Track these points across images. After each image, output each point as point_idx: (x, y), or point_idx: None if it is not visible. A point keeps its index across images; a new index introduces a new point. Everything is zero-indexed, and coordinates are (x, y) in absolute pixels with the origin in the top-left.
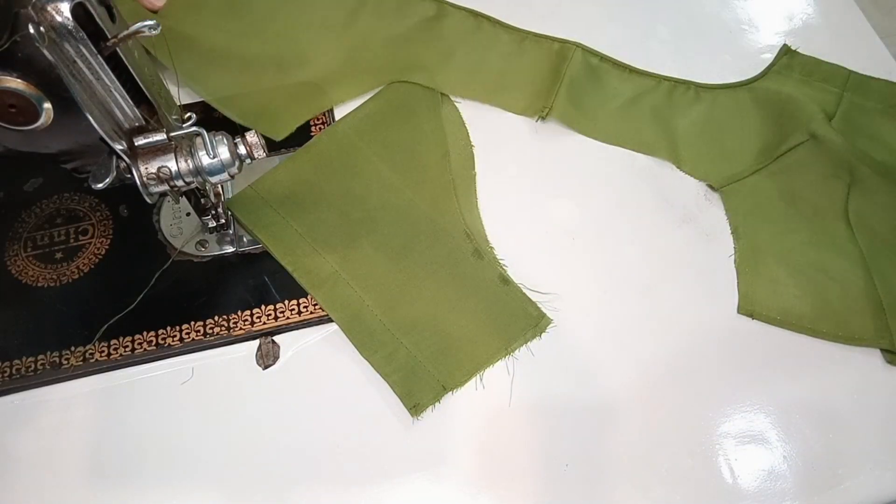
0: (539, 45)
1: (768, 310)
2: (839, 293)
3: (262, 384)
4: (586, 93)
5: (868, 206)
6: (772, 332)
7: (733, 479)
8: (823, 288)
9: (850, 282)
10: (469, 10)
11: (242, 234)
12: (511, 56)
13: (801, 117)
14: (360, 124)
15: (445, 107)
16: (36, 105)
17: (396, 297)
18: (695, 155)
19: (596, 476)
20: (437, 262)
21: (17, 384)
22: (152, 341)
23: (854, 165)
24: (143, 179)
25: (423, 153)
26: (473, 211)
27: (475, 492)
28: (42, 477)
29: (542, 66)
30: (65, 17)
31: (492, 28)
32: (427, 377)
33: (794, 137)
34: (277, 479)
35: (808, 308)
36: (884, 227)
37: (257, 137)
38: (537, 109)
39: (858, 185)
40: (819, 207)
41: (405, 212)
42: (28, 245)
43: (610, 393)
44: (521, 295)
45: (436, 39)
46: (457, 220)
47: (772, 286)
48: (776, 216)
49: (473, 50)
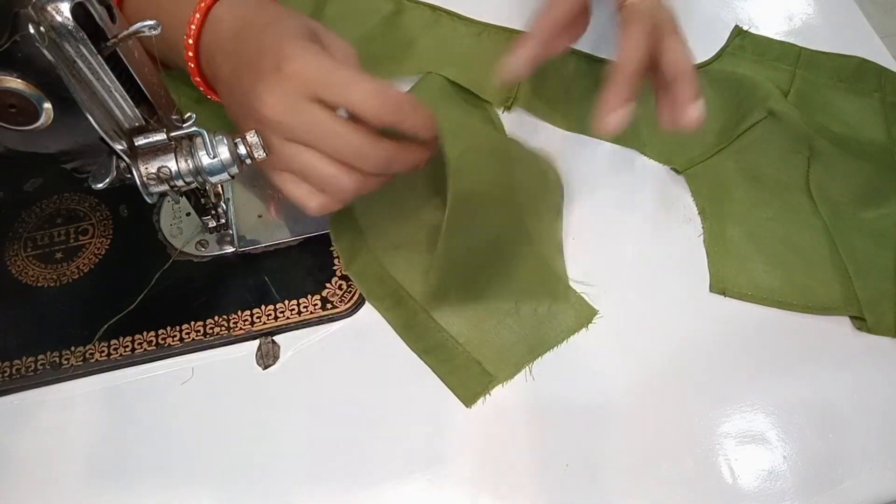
0: (498, 36)
1: (739, 286)
2: (806, 265)
3: (262, 384)
4: (548, 82)
5: (828, 177)
6: (772, 332)
7: (733, 479)
8: (791, 261)
9: (816, 253)
10: (427, 5)
11: (243, 233)
12: (471, 49)
13: (758, 96)
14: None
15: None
16: (36, 105)
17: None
18: (657, 140)
19: (596, 476)
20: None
21: (17, 384)
22: (152, 341)
23: (812, 139)
24: (143, 179)
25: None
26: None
27: (475, 492)
28: (42, 477)
29: (502, 57)
30: (65, 17)
31: (450, 21)
32: (474, 367)
33: (753, 116)
34: (277, 479)
35: (778, 282)
36: (844, 197)
37: (257, 137)
38: (502, 100)
39: (817, 158)
40: (781, 182)
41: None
42: (28, 245)
43: (610, 393)
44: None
45: (395, 35)
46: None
47: (741, 263)
48: (740, 194)
49: (433, 43)
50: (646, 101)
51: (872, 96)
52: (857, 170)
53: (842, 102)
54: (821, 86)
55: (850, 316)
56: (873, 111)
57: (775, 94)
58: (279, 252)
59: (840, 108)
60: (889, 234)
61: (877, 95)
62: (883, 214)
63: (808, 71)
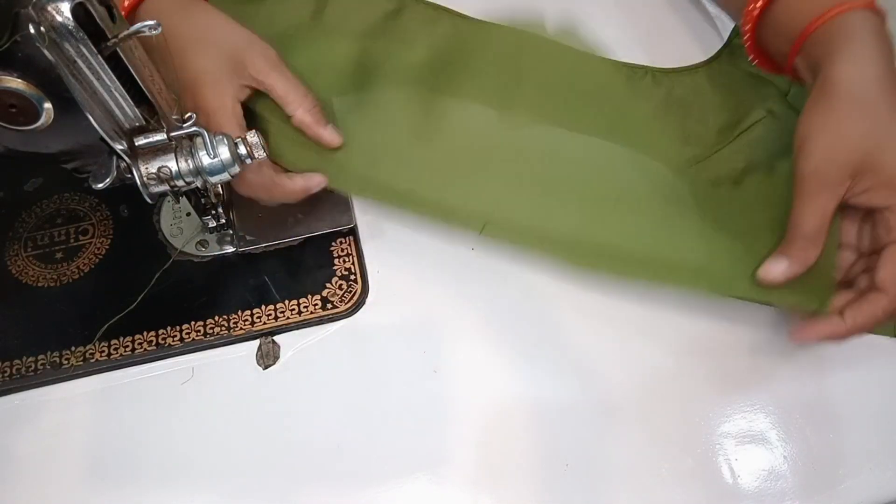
0: (498, 34)
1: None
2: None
3: (262, 384)
4: (548, 81)
5: None
6: (772, 331)
7: (733, 479)
8: None
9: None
10: (428, 3)
11: (243, 233)
12: (471, 46)
13: (758, 96)
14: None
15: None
16: (36, 105)
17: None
18: (657, 140)
19: (596, 476)
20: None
21: (17, 384)
22: (152, 341)
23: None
24: (143, 179)
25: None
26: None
27: (475, 492)
28: (42, 477)
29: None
30: (65, 17)
31: (451, 19)
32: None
33: (752, 115)
34: (277, 479)
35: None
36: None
37: (257, 137)
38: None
39: None
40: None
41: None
42: (28, 245)
43: (610, 393)
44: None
45: (396, 33)
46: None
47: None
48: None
49: (434, 41)
50: (647, 100)
51: None
52: None
53: None
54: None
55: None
56: None
57: (775, 94)
58: (279, 252)
59: None
60: None
61: None
62: None
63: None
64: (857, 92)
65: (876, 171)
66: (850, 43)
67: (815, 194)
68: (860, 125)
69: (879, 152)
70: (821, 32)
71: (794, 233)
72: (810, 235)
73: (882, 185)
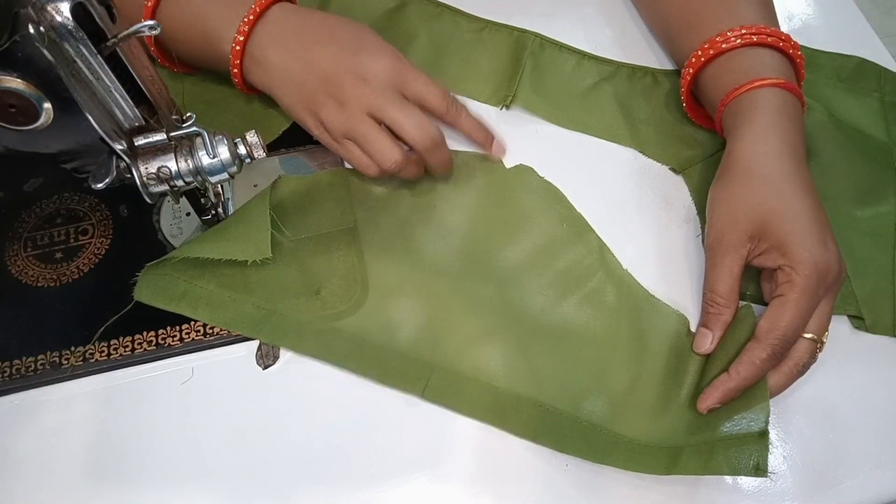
0: (499, 33)
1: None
2: None
3: (262, 384)
4: (548, 80)
5: (826, 176)
6: None
7: (733, 479)
8: None
9: None
10: (430, 0)
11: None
12: (472, 44)
13: None
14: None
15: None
16: (36, 105)
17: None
18: (657, 140)
19: (596, 476)
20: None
21: (17, 384)
22: (152, 341)
23: (811, 138)
24: (143, 179)
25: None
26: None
27: (475, 492)
28: (42, 477)
29: (503, 54)
30: (65, 17)
31: (451, 16)
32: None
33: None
34: (277, 479)
35: None
36: (843, 196)
37: (257, 137)
38: (500, 98)
39: (816, 157)
40: None
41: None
42: (28, 245)
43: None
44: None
45: (398, 28)
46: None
47: None
48: None
49: (435, 38)
50: (647, 100)
51: (872, 96)
52: (855, 169)
53: (841, 102)
54: (820, 85)
55: (848, 315)
56: (872, 111)
57: None
58: None
59: (839, 107)
60: (887, 233)
61: (876, 95)
62: (881, 213)
63: (807, 70)
64: (752, 167)
65: (767, 235)
66: (750, 120)
67: (722, 256)
68: (753, 197)
69: (768, 220)
70: (734, 105)
71: (710, 296)
72: (724, 294)
73: (773, 248)
